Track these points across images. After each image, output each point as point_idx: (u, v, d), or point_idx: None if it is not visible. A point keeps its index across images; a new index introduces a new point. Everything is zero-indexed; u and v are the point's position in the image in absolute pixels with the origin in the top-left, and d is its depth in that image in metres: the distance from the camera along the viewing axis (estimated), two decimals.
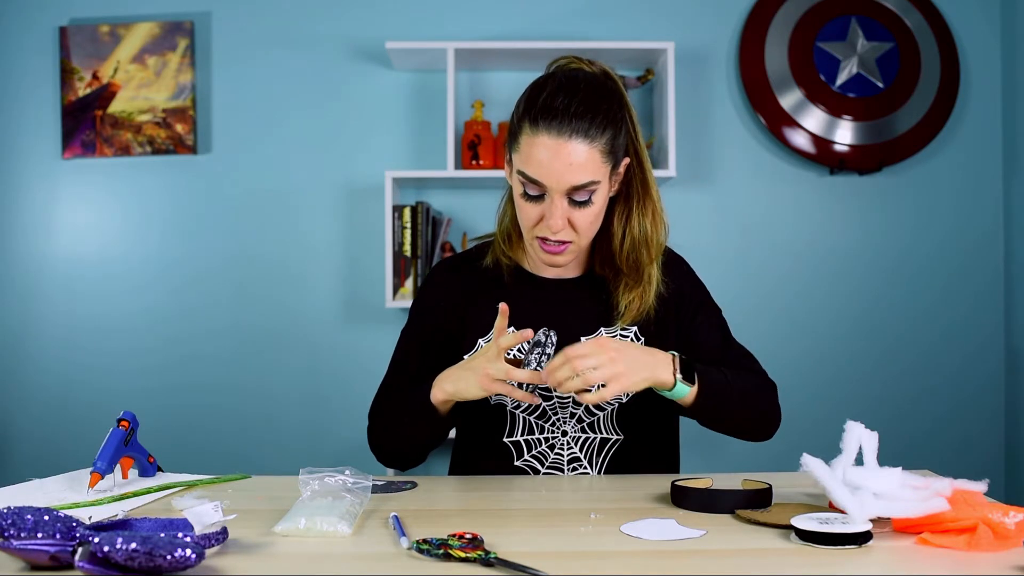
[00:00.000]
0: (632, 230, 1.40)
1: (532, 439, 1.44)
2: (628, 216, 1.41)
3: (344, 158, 3.01)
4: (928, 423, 3.01)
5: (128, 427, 1.31)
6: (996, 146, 3.04)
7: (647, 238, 1.41)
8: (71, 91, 2.97)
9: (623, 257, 1.42)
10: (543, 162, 1.29)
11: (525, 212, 1.36)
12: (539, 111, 1.30)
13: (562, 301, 1.46)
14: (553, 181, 1.30)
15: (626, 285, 1.43)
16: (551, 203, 1.32)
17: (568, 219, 1.33)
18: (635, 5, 3.02)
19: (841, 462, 1.06)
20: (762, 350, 2.96)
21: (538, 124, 1.30)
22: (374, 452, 1.51)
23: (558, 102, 1.30)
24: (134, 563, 0.82)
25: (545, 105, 1.30)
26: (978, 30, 3.04)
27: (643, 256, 1.41)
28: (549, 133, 1.29)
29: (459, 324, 1.48)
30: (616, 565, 0.93)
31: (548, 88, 1.32)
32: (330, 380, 3.01)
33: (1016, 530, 0.97)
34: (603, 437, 1.44)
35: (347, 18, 3.01)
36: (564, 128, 1.28)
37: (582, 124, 1.29)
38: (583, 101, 1.30)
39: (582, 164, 1.29)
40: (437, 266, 1.57)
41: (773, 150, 3.04)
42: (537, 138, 1.30)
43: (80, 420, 2.97)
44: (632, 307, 1.42)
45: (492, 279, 1.49)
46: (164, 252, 3.01)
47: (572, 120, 1.29)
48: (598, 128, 1.30)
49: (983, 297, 3.03)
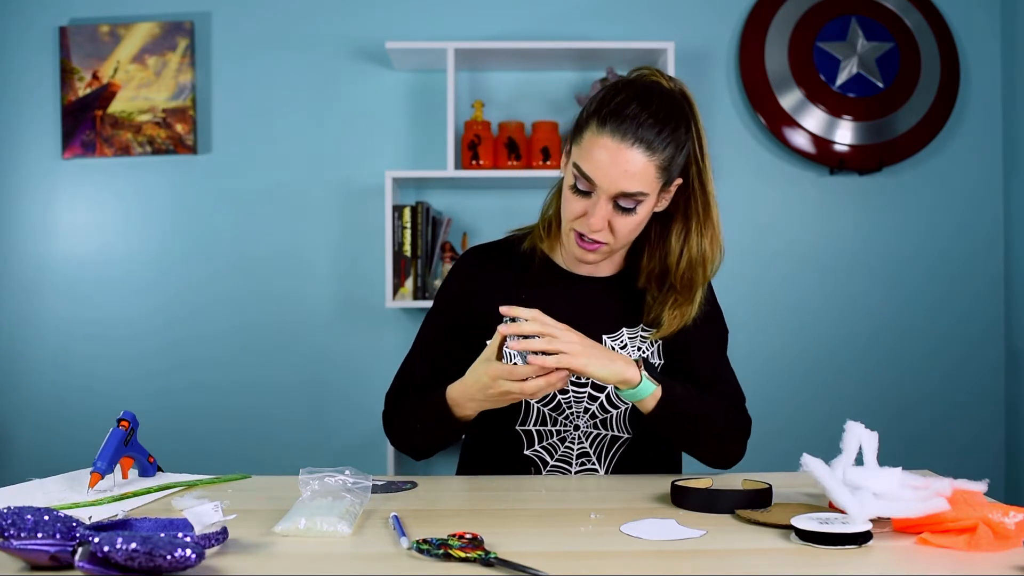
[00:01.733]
0: (691, 249, 1.43)
1: (544, 430, 1.45)
2: (687, 235, 1.44)
3: (344, 158, 3.01)
4: (928, 423, 3.01)
5: (128, 427, 1.31)
6: (996, 146, 3.04)
7: (705, 259, 1.44)
8: (71, 91, 2.97)
9: (678, 275, 1.44)
10: (600, 162, 1.32)
11: (570, 204, 1.38)
12: (609, 112, 1.33)
13: (587, 299, 1.48)
14: (605, 182, 1.32)
15: (675, 301, 1.45)
16: (597, 202, 1.34)
17: (609, 221, 1.36)
18: (635, 5, 3.02)
19: (841, 462, 1.06)
20: (762, 350, 2.99)
21: (605, 124, 1.32)
22: (388, 436, 1.51)
23: (630, 109, 1.32)
24: (134, 563, 0.82)
25: (616, 109, 1.33)
26: (978, 30, 3.04)
27: (698, 276, 1.44)
28: (613, 136, 1.31)
29: (484, 311, 1.48)
30: (616, 565, 0.93)
31: (624, 93, 1.34)
32: (330, 380, 3.01)
33: (1016, 530, 0.97)
34: (614, 435, 1.46)
35: (347, 18, 3.01)
36: (628, 135, 1.31)
37: (647, 135, 1.31)
38: (654, 114, 1.32)
39: (636, 174, 1.32)
40: (468, 252, 1.58)
41: (773, 150, 3.04)
42: (600, 138, 1.32)
43: (80, 420, 2.97)
44: (673, 324, 1.45)
45: (521, 268, 1.51)
46: (164, 252, 3.01)
47: (638, 129, 1.31)
48: (661, 143, 1.32)
49: (983, 297, 3.03)
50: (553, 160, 2.84)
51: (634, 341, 1.46)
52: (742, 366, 2.93)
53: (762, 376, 2.99)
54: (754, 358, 3.00)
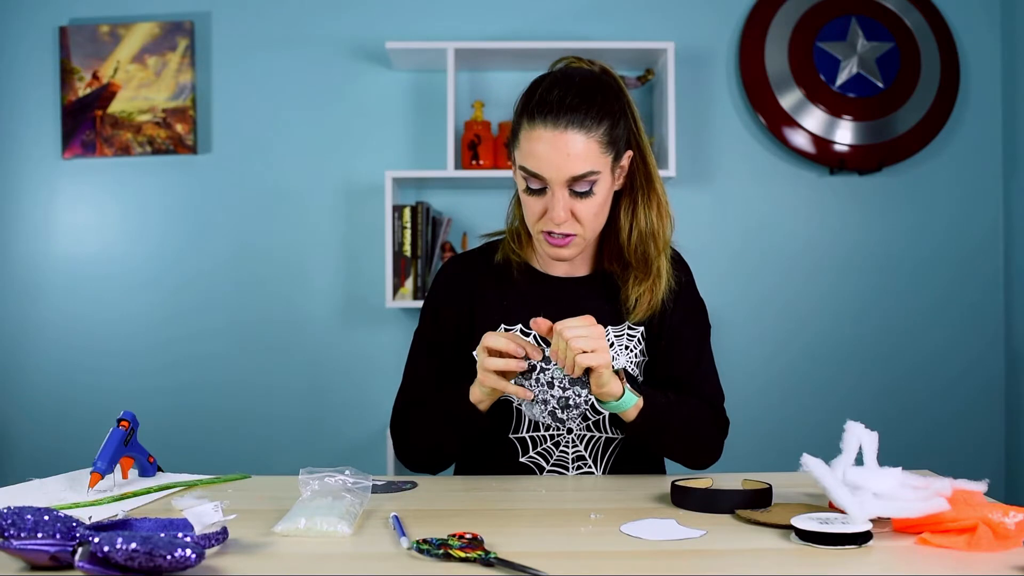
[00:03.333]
0: (639, 223, 1.43)
1: (538, 436, 1.44)
2: (634, 209, 1.43)
3: (344, 158, 3.01)
4: (928, 423, 3.01)
5: (128, 427, 1.31)
6: (996, 146, 3.04)
7: (654, 231, 1.43)
8: (71, 91, 2.97)
9: (631, 250, 1.44)
10: (542, 155, 1.32)
11: (529, 207, 1.38)
12: (535, 105, 1.33)
13: (571, 299, 1.47)
14: (552, 172, 1.32)
15: (635, 279, 1.44)
16: (552, 195, 1.34)
17: (571, 211, 1.35)
18: (635, 5, 3.02)
19: (841, 462, 1.05)
20: (761, 350, 2.99)
21: (535, 118, 1.33)
22: (401, 457, 1.48)
23: (553, 95, 1.33)
24: (134, 563, 0.82)
25: (541, 99, 1.33)
26: (978, 30, 3.04)
27: (651, 249, 1.43)
28: (545, 126, 1.31)
29: (468, 321, 1.48)
30: (616, 565, 0.93)
31: (544, 84, 1.36)
32: (330, 380, 3.01)
33: (1016, 530, 0.97)
34: (608, 436, 1.45)
35: (347, 18, 3.01)
36: (560, 119, 1.31)
37: (577, 115, 1.31)
38: (578, 94, 1.33)
39: (580, 154, 1.31)
40: (444, 266, 1.57)
41: (773, 150, 3.04)
42: (534, 131, 1.33)
43: (80, 420, 2.97)
44: (643, 301, 1.43)
45: (501, 275, 1.50)
46: (164, 252, 3.01)
47: (568, 112, 1.31)
48: (594, 119, 1.32)
49: (983, 297, 3.03)
50: None
51: (620, 340, 1.45)
52: (741, 366, 2.96)
53: (761, 376, 3.00)
54: (753, 358, 3.00)
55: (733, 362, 2.84)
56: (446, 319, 1.50)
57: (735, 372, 2.82)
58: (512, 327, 1.45)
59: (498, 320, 1.45)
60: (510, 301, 1.46)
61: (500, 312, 1.46)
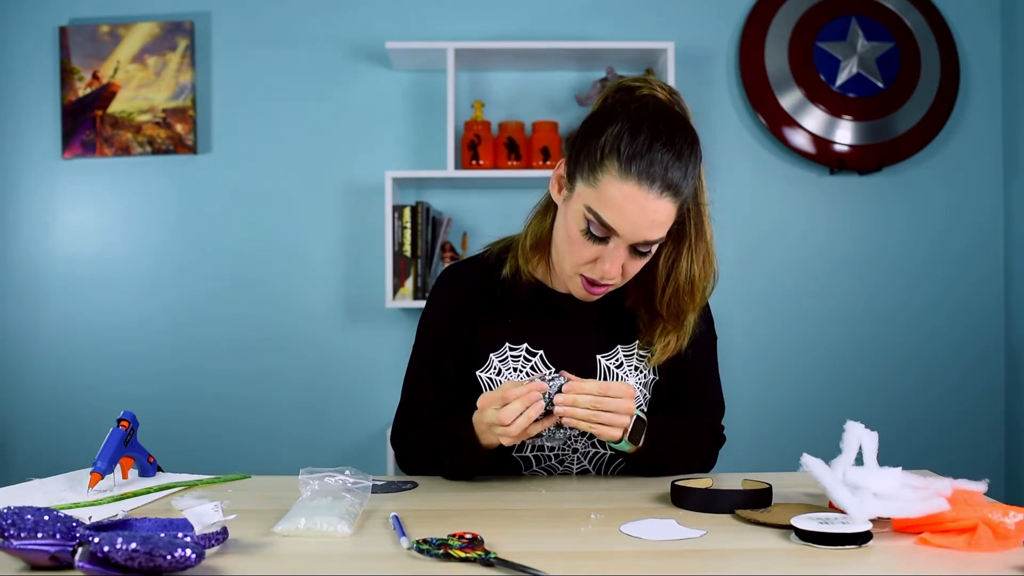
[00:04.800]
0: (678, 275, 1.31)
1: (543, 455, 1.41)
2: (676, 259, 1.31)
3: (344, 158, 3.01)
4: (928, 423, 3.01)
5: (128, 427, 1.31)
6: (996, 146, 3.04)
7: (693, 285, 1.31)
8: (71, 91, 2.97)
9: (663, 302, 1.32)
10: (625, 212, 1.20)
11: (578, 248, 1.25)
12: (633, 156, 1.19)
13: (579, 317, 1.40)
14: (629, 232, 1.21)
15: (664, 329, 1.34)
16: (614, 249, 1.23)
17: (622, 264, 1.26)
18: (635, 5, 3.02)
19: (841, 462, 1.05)
20: (761, 350, 2.99)
21: (630, 171, 1.19)
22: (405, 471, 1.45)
23: (655, 152, 1.19)
24: (134, 563, 0.82)
25: (640, 153, 1.19)
26: (978, 30, 3.04)
27: (686, 304, 1.32)
28: (640, 185, 1.19)
29: (470, 337, 1.41)
30: (616, 565, 0.93)
31: (644, 132, 1.20)
32: (330, 380, 3.01)
33: (1016, 530, 0.97)
34: (612, 453, 1.42)
35: (347, 18, 3.01)
36: (656, 183, 1.19)
37: (675, 180, 1.20)
38: (678, 153, 1.20)
39: (663, 222, 1.22)
40: (442, 278, 1.48)
41: (773, 150, 3.03)
42: (625, 186, 1.19)
43: (80, 420, 2.97)
44: (666, 352, 1.35)
45: (506, 290, 1.41)
46: (164, 252, 3.01)
47: (667, 174, 1.19)
48: (688, 184, 1.22)
49: (983, 297, 3.03)
50: (553, 160, 2.84)
51: (630, 360, 1.39)
52: (742, 367, 2.96)
53: (762, 376, 3.00)
54: (754, 358, 3.00)
55: (733, 362, 2.84)
56: (445, 337, 1.43)
57: (735, 372, 2.82)
58: (518, 346, 1.39)
59: (502, 339, 1.39)
60: (515, 319, 1.40)
61: (504, 330, 1.39)
